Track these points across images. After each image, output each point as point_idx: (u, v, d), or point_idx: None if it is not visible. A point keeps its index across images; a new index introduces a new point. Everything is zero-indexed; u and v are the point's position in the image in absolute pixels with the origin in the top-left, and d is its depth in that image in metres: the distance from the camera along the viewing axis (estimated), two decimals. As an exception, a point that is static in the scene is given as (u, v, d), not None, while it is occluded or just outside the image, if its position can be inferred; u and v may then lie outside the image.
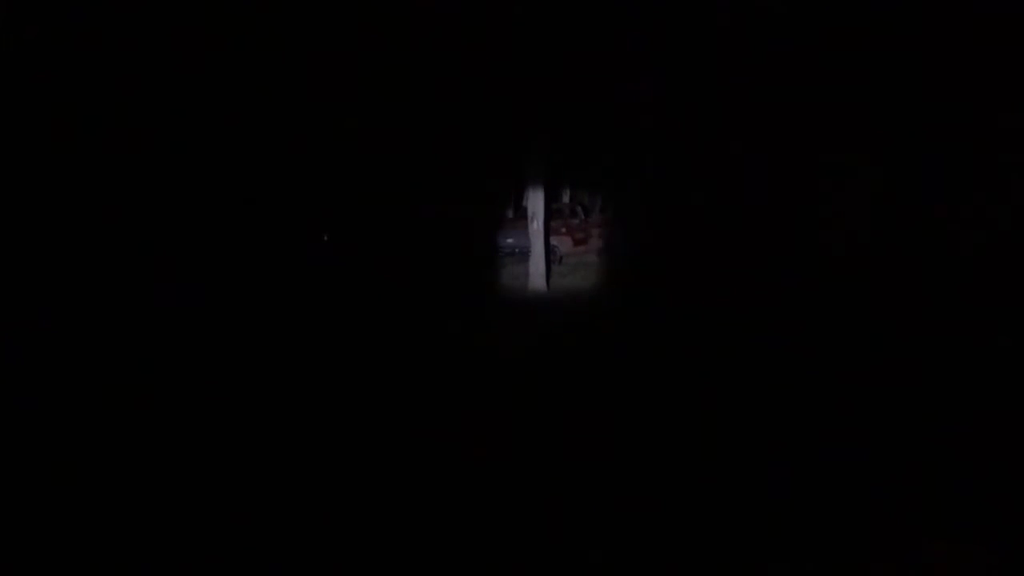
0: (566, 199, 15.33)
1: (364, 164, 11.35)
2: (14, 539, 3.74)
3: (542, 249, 12.41)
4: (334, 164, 10.93)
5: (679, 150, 10.23)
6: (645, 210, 12.74)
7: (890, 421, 4.88)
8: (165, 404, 5.68)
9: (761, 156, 8.33)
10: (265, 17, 7.29)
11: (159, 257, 6.99)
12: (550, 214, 13.09)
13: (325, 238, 12.10)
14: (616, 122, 10.83)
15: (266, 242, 9.49)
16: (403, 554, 3.64)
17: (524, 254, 12.99)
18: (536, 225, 12.43)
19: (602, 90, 9.82)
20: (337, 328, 8.80)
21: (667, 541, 3.64)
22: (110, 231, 6.21)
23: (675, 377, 6.50)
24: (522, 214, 12.91)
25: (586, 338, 8.67)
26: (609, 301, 11.15)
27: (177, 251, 7.30)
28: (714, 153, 9.20)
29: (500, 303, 11.49)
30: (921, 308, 6.38)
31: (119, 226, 6.27)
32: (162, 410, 5.61)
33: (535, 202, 12.51)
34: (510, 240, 14.20)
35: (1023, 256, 5.96)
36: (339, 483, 4.50)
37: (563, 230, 14.16)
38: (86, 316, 5.89)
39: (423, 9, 7.77)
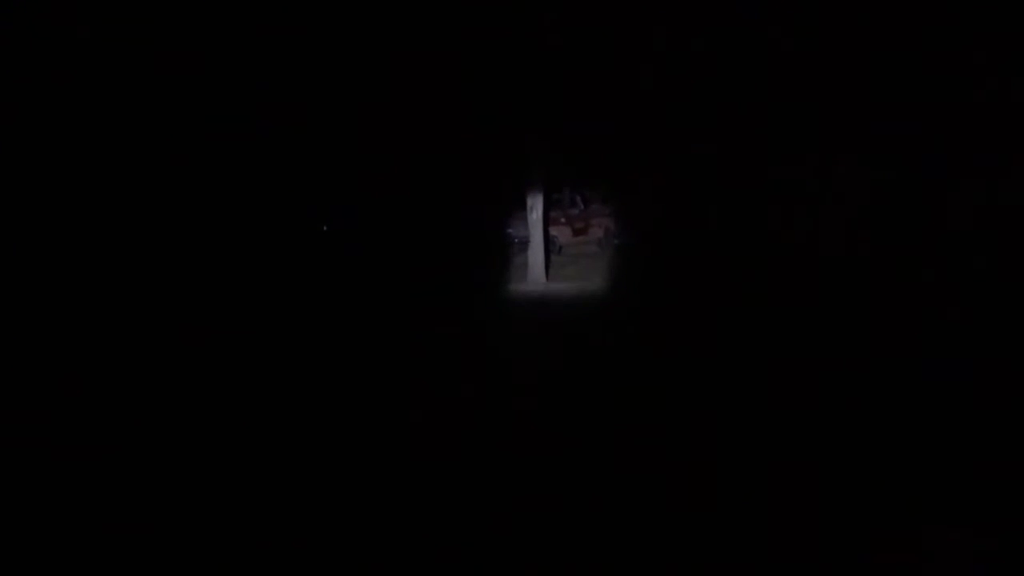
0: (566, 189, 15.28)
1: (365, 156, 11.31)
2: (14, 539, 3.78)
3: (541, 239, 12.34)
4: (336, 158, 10.90)
5: (679, 146, 10.20)
6: (646, 204, 12.72)
7: (892, 413, 4.91)
8: (168, 402, 5.71)
9: (759, 153, 8.32)
10: (284, 21, 7.32)
11: (160, 254, 6.99)
12: (549, 204, 13.01)
13: (324, 228, 12.11)
14: (615, 117, 10.79)
15: (265, 233, 9.48)
16: (402, 554, 3.68)
17: (523, 243, 12.95)
18: (535, 215, 12.34)
19: (604, 86, 9.80)
20: (335, 319, 8.82)
21: (674, 538, 3.68)
22: (120, 231, 6.21)
23: (676, 371, 6.53)
24: (521, 203, 12.84)
25: (586, 332, 8.69)
26: (610, 294, 11.15)
27: (178, 247, 7.29)
28: (714, 149, 9.18)
29: (499, 295, 11.49)
30: (922, 304, 6.39)
31: (126, 225, 6.28)
32: (165, 409, 5.63)
33: (534, 192, 12.41)
34: (509, 229, 14.18)
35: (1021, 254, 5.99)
36: (337, 479, 4.54)
37: (562, 220, 14.11)
38: (88, 316, 5.90)
39: (434, 13, 7.81)
